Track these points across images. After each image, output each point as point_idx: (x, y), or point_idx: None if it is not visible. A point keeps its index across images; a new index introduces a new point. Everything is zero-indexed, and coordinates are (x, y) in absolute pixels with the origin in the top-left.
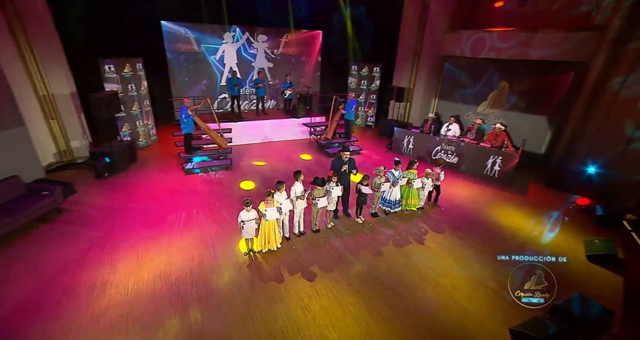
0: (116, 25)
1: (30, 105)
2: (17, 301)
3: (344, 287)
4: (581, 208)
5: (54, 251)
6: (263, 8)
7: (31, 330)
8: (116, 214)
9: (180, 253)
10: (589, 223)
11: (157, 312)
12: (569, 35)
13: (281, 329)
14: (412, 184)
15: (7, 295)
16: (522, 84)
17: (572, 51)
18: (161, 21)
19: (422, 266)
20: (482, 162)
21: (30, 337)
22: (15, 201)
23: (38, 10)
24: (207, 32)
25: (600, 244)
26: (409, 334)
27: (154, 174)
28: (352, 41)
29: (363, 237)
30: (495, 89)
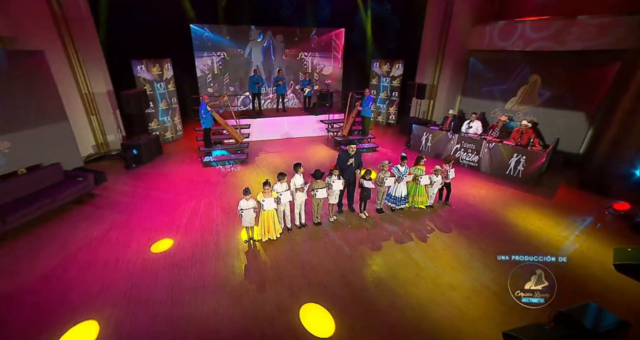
0: (149, 28)
1: (74, 102)
2: (47, 269)
3: (337, 279)
4: (619, 213)
5: (82, 230)
6: (286, 8)
7: (52, 295)
8: (138, 201)
9: (187, 238)
10: (625, 230)
11: (157, 288)
12: (615, 20)
13: (269, 315)
14: (419, 180)
15: (39, 263)
16: (556, 78)
17: (618, 38)
18: (190, 24)
19: (421, 264)
20: (505, 161)
21: (51, 300)
22: (55, 185)
23: (82, 17)
24: (233, 33)
25: (634, 253)
26: (392, 332)
27: (175, 166)
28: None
29: (364, 232)
30: (526, 83)
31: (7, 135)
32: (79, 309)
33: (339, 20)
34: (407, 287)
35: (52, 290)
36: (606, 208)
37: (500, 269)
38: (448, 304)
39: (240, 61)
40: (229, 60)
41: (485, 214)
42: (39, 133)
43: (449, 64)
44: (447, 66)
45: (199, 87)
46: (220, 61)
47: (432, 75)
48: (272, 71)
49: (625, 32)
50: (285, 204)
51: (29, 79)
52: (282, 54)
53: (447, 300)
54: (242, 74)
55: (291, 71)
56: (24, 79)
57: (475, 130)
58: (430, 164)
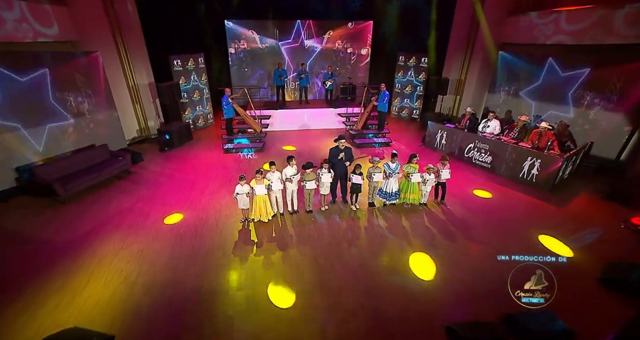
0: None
1: (123, 92)
2: (88, 230)
3: (309, 261)
4: (637, 228)
5: (117, 200)
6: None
7: (90, 247)
8: (164, 179)
9: (194, 214)
10: (637, 246)
11: (161, 253)
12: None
13: (243, 285)
14: (410, 177)
15: (83, 225)
16: (596, 75)
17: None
18: (225, 20)
19: (395, 257)
20: (519, 163)
21: (88, 250)
22: (102, 163)
23: (131, 21)
24: (264, 27)
25: (622, 268)
26: (346, 307)
27: (199, 151)
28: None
29: (350, 223)
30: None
31: (70, 121)
32: (106, 258)
33: (368, 13)
34: (374, 277)
35: (90, 243)
36: (624, 221)
37: (475, 271)
38: (409, 293)
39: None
40: (262, 51)
41: (479, 217)
42: (93, 119)
43: (478, 57)
44: (477, 60)
45: (231, 78)
46: (250, 52)
47: (460, 69)
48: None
49: None
50: (277, 191)
51: (86, 75)
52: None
53: (409, 290)
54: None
55: (324, 61)
56: (83, 76)
57: (492, 130)
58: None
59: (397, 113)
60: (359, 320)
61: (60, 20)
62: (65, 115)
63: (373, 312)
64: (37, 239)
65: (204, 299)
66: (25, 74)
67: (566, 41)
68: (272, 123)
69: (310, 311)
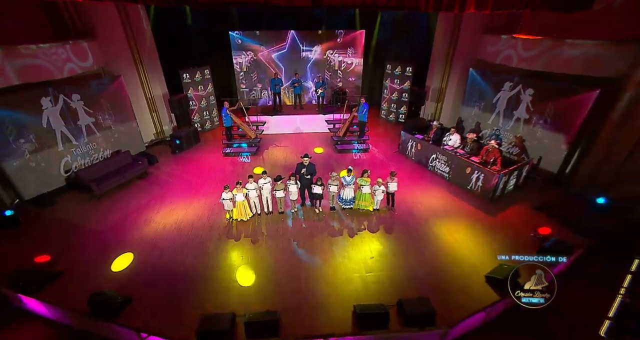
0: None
1: (142, 103)
2: (117, 219)
3: (271, 253)
4: (540, 237)
5: (136, 198)
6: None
7: (117, 234)
8: (173, 180)
9: (193, 211)
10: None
11: (165, 242)
12: (601, 47)
13: (220, 264)
14: (361, 189)
15: (114, 216)
16: (545, 98)
17: (601, 65)
18: (229, 31)
19: (335, 250)
20: (468, 176)
21: (114, 237)
22: (125, 166)
23: (148, 46)
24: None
25: (505, 270)
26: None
27: (204, 154)
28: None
29: (311, 223)
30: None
31: (102, 132)
32: (128, 243)
33: (361, 22)
34: (315, 268)
35: (117, 231)
36: (533, 231)
37: (395, 266)
38: (334, 280)
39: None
40: (258, 60)
41: (419, 222)
42: (117, 130)
43: (457, 69)
44: (456, 71)
45: (236, 83)
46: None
47: (441, 79)
48: (297, 68)
49: (609, 59)
50: (254, 197)
51: (113, 96)
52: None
53: (333, 277)
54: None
55: (317, 69)
56: (110, 96)
57: (453, 143)
58: (408, 170)
59: (385, 116)
60: (298, 297)
61: (93, 52)
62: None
63: (310, 291)
64: (85, 224)
65: (193, 276)
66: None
67: (522, 66)
68: (269, 127)
69: (260, 292)
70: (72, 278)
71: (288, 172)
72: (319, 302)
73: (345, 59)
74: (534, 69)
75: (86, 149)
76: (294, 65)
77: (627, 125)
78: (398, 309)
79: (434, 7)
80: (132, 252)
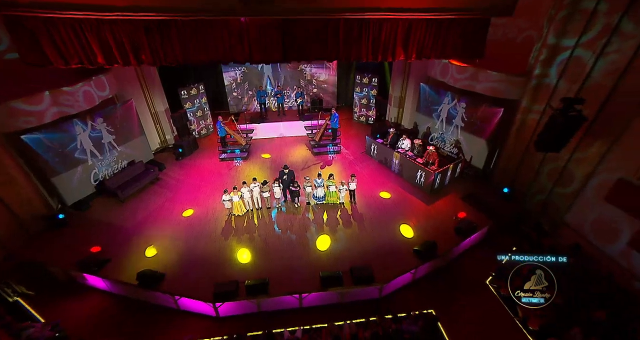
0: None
1: (147, 117)
2: (141, 219)
3: (262, 239)
4: (459, 219)
5: (153, 200)
6: None
7: (139, 230)
8: (180, 184)
9: (199, 208)
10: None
11: (182, 235)
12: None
13: (224, 247)
14: (329, 188)
15: (137, 216)
16: (471, 110)
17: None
18: None
19: (308, 234)
20: (414, 173)
21: (135, 233)
22: (139, 174)
23: (152, 74)
24: None
25: (424, 245)
26: (275, 265)
27: (203, 159)
28: None
29: (291, 215)
30: (456, 111)
31: (119, 146)
32: (153, 235)
33: None
34: (293, 247)
35: (144, 226)
36: (455, 216)
37: (349, 246)
38: (307, 255)
39: (256, 73)
40: (248, 72)
41: (372, 212)
42: (130, 143)
43: (412, 82)
44: (412, 83)
45: (227, 94)
46: (242, 74)
47: (401, 89)
48: (278, 79)
49: (507, 88)
50: (247, 198)
51: (125, 115)
52: (286, 67)
53: (308, 254)
54: (257, 83)
55: (293, 79)
56: (123, 116)
57: (405, 147)
58: (371, 169)
59: (357, 119)
60: (281, 267)
61: (109, 83)
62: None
63: (290, 263)
64: (117, 222)
65: (205, 256)
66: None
67: (457, 85)
68: (256, 133)
69: (255, 265)
70: (118, 262)
71: (273, 176)
72: (296, 270)
73: (319, 72)
74: (464, 88)
75: (108, 161)
76: (275, 77)
77: (521, 136)
78: (350, 273)
79: (374, 58)
80: (158, 242)
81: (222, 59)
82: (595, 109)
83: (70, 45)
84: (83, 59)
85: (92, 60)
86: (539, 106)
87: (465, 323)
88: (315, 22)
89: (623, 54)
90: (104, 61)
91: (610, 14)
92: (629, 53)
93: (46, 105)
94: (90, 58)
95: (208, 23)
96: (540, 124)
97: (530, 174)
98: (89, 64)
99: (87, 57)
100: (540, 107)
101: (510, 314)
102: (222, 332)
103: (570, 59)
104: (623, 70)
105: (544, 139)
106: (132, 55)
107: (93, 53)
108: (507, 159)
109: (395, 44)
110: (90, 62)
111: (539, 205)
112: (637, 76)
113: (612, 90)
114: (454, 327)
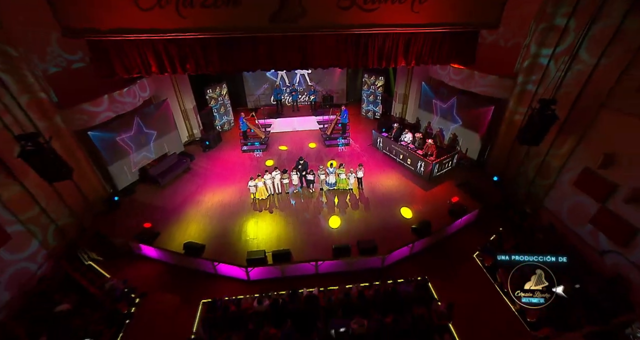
0: None
1: (178, 114)
2: (179, 202)
3: (281, 218)
4: (452, 203)
5: (187, 187)
6: None
7: (176, 211)
8: (208, 172)
9: (226, 194)
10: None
11: (216, 213)
12: (493, 79)
13: (248, 225)
14: (339, 175)
15: (176, 199)
16: (467, 108)
17: (493, 90)
18: None
19: (322, 214)
20: (415, 163)
21: (172, 213)
22: (174, 164)
23: (183, 76)
24: None
25: (421, 223)
26: (295, 238)
27: (226, 151)
28: None
29: (306, 199)
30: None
31: (158, 140)
32: (191, 216)
33: None
34: (309, 225)
35: (182, 208)
36: (449, 200)
37: (361, 225)
38: (316, 231)
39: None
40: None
41: (377, 195)
42: (166, 137)
43: (416, 80)
44: (415, 81)
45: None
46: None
47: (405, 86)
48: (293, 78)
49: (497, 87)
50: (270, 184)
51: (161, 114)
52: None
53: (322, 230)
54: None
55: (310, 78)
56: (160, 114)
57: (407, 140)
58: (377, 159)
59: (365, 114)
60: (300, 241)
61: (149, 85)
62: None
63: (307, 241)
64: (160, 204)
65: (236, 232)
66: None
67: (454, 84)
68: (273, 127)
69: (278, 239)
70: (166, 236)
71: (289, 165)
72: (312, 243)
73: (330, 72)
74: (460, 88)
75: (149, 153)
76: (290, 76)
77: (509, 131)
78: (357, 246)
79: (379, 65)
80: (196, 220)
81: (252, 67)
82: (566, 110)
83: (132, 59)
84: (142, 70)
85: (148, 70)
86: (522, 108)
87: (453, 286)
88: (330, 36)
89: (586, 65)
90: (157, 70)
91: (576, 31)
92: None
93: (105, 107)
94: (147, 69)
95: (242, 39)
96: (524, 122)
97: (516, 164)
98: (146, 73)
99: (145, 68)
100: (524, 109)
101: (490, 279)
102: (252, 292)
103: (547, 68)
104: (586, 79)
105: (525, 134)
106: (179, 66)
107: (149, 65)
108: (498, 151)
109: (397, 53)
110: (147, 72)
111: (523, 191)
112: (597, 85)
113: (578, 96)
114: (444, 288)
